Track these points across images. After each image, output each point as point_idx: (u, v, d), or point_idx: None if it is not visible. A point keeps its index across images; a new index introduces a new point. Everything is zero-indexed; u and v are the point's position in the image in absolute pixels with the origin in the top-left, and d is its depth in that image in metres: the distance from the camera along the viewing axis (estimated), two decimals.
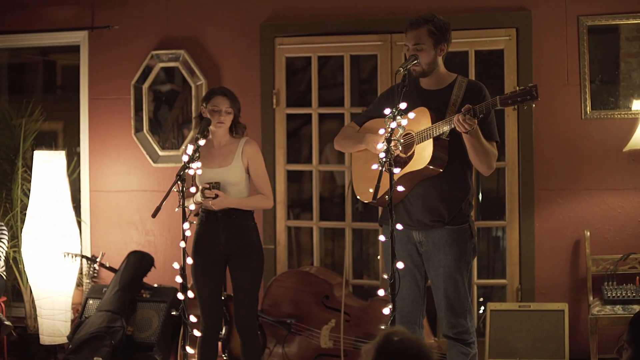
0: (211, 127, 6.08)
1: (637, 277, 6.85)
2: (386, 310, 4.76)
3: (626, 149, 6.77)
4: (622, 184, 7.08)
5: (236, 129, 6.23)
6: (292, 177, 7.95)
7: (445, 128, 5.01)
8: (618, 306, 6.66)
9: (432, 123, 5.09)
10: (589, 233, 7.03)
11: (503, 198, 7.39)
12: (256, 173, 6.20)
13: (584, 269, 7.07)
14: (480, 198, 8.22)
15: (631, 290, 6.71)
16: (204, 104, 6.15)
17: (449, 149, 5.14)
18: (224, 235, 6.07)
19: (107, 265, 7.68)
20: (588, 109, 7.11)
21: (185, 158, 5.55)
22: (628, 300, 6.66)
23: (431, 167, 5.10)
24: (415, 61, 5.16)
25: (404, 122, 4.82)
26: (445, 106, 5.19)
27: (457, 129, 4.92)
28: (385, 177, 4.73)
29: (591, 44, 7.12)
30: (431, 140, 5.08)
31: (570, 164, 7.18)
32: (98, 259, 7.75)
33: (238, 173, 6.12)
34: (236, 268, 6.14)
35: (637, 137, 6.69)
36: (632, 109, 7.05)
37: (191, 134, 6.20)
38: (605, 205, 7.11)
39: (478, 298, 7.51)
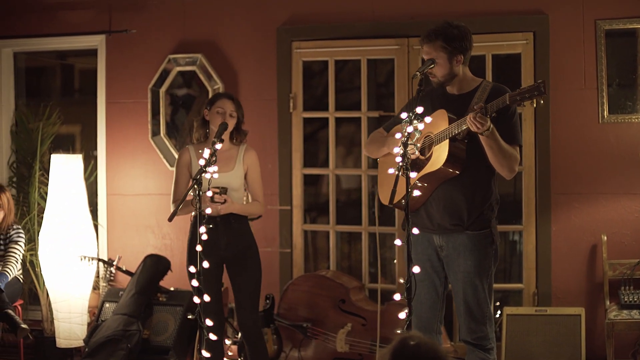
0: (210, 132, 6.12)
1: None
2: (402, 315, 4.75)
3: None
4: (639, 188, 7.05)
5: (238, 135, 6.26)
6: (308, 180, 7.95)
7: (461, 128, 5.00)
8: (635, 311, 6.64)
9: (449, 124, 5.09)
10: (605, 237, 7.01)
11: (520, 202, 7.38)
12: (254, 180, 6.30)
13: (601, 274, 7.04)
14: None
15: None
16: (208, 108, 6.20)
17: (472, 153, 5.13)
18: (224, 240, 6.11)
19: (124, 269, 7.70)
20: (605, 113, 7.09)
21: (201, 162, 5.55)
22: None
23: (447, 168, 5.09)
24: (432, 65, 5.16)
25: (420, 126, 4.81)
26: (466, 109, 5.18)
27: (471, 128, 4.91)
28: (402, 181, 4.72)
29: (608, 48, 7.10)
30: (447, 141, 5.07)
31: (587, 168, 7.16)
32: (115, 263, 7.77)
33: (239, 179, 6.19)
34: (237, 272, 6.18)
35: None
36: None
37: (196, 136, 6.20)
38: (622, 210, 7.09)
39: (494, 302, 7.49)
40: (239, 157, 6.20)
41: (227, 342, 7.05)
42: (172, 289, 7.50)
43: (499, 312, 7.45)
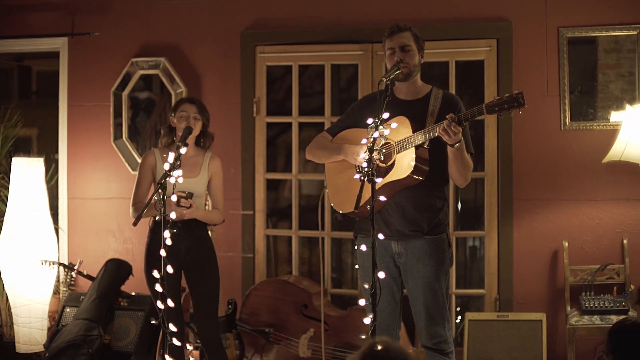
0: (176, 137, 6.10)
1: (615, 288, 6.88)
2: (367, 320, 4.75)
3: (605, 160, 6.79)
4: (600, 195, 7.12)
5: (204, 140, 6.25)
6: (269, 185, 7.93)
7: (427, 137, 5.00)
8: (595, 316, 6.69)
9: (412, 132, 5.07)
10: (567, 243, 7.05)
11: (482, 208, 7.42)
12: (216, 188, 6.29)
13: (562, 279, 7.09)
14: (459, 208, 8.22)
15: (608, 301, 6.73)
16: (173, 114, 6.18)
17: (430, 158, 5.13)
18: (184, 245, 6.07)
19: (85, 273, 7.64)
20: (567, 120, 7.14)
21: (166, 166, 5.52)
22: (605, 311, 6.68)
23: (413, 176, 5.08)
24: (399, 71, 5.17)
25: (386, 131, 4.82)
26: (424, 116, 5.20)
27: (443, 138, 4.91)
28: (366, 187, 4.70)
29: (570, 55, 7.16)
30: (412, 149, 5.06)
31: (549, 175, 7.20)
32: (75, 267, 7.71)
33: (203, 185, 6.18)
34: (196, 279, 6.16)
35: (616, 149, 6.70)
36: (610, 120, 7.09)
37: (162, 142, 6.16)
38: (583, 216, 7.14)
39: (455, 308, 7.51)
40: (205, 164, 6.19)
41: (189, 347, 7.02)
42: (133, 293, 7.46)
43: (459, 317, 7.49)
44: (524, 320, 6.90)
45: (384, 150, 5.03)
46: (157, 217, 5.86)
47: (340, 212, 5.43)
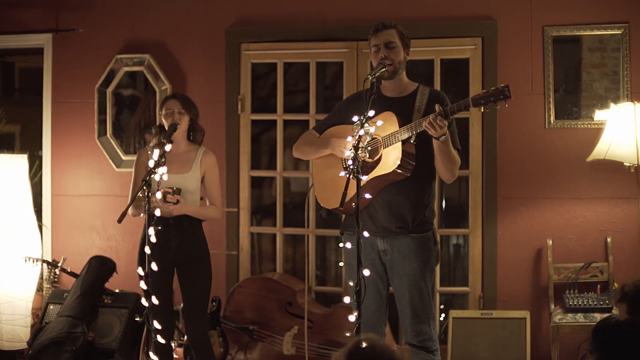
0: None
1: (599, 286, 6.90)
2: (352, 318, 4.75)
3: (589, 159, 6.81)
4: (584, 193, 7.14)
5: (194, 134, 6.22)
6: (252, 183, 7.92)
7: (413, 132, 5.02)
8: (579, 314, 6.70)
9: (399, 127, 5.08)
10: (551, 241, 7.07)
11: (466, 206, 7.43)
12: (211, 184, 6.25)
13: (546, 277, 7.10)
14: (443, 206, 8.24)
15: (592, 299, 6.75)
16: (161, 112, 6.17)
17: (416, 155, 5.14)
18: (175, 242, 6.05)
19: (69, 270, 7.62)
20: (552, 118, 7.15)
21: (151, 163, 5.51)
22: (589, 309, 6.70)
23: (399, 171, 5.09)
24: (384, 69, 5.18)
25: (372, 129, 4.83)
26: (411, 112, 5.21)
27: (429, 132, 4.91)
28: (352, 183, 4.71)
29: (555, 54, 7.17)
30: (399, 144, 5.07)
31: (533, 173, 7.22)
32: (59, 264, 7.68)
33: (195, 181, 6.14)
34: (186, 276, 6.13)
35: (600, 147, 6.73)
36: (595, 119, 7.11)
37: (154, 141, 6.14)
38: (567, 214, 7.16)
39: (440, 305, 7.52)
40: (197, 159, 6.16)
41: (173, 344, 7.01)
42: (117, 290, 7.45)
43: (443, 315, 7.50)
44: (508, 318, 6.91)
45: (369, 148, 5.04)
46: (156, 212, 5.83)
47: (327, 208, 5.42)
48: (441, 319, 7.52)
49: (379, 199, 5.24)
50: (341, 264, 7.66)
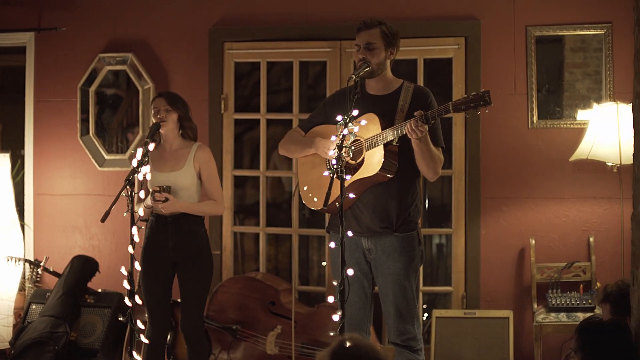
0: (162, 131, 6.06)
1: (581, 285, 6.92)
2: (336, 317, 4.76)
3: (572, 158, 6.84)
4: (567, 193, 7.16)
5: (184, 131, 6.19)
6: (235, 182, 7.90)
7: (395, 134, 5.03)
8: (562, 314, 6.73)
9: (382, 129, 5.10)
10: (534, 241, 7.09)
11: (449, 205, 7.44)
12: (208, 178, 6.17)
13: (529, 277, 7.12)
14: (427, 205, 8.25)
15: (575, 298, 6.77)
16: (152, 112, 6.14)
17: (399, 155, 5.16)
18: (173, 241, 6.02)
19: (51, 270, 7.60)
20: (535, 118, 7.17)
21: (134, 162, 5.50)
22: (572, 308, 6.72)
23: (382, 173, 5.10)
24: (368, 68, 5.18)
25: (355, 129, 4.83)
26: (393, 112, 5.22)
27: (409, 135, 4.93)
28: (336, 183, 4.72)
29: (538, 54, 7.19)
30: (381, 146, 5.09)
31: (516, 173, 7.23)
32: (41, 263, 7.66)
33: (189, 178, 6.08)
34: (184, 274, 6.09)
35: (583, 147, 6.75)
36: (577, 119, 7.13)
37: (138, 138, 6.13)
38: (550, 214, 7.18)
39: (423, 305, 7.53)
40: (190, 155, 6.11)
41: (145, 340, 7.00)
42: (100, 290, 7.43)
43: (426, 314, 7.51)
44: (491, 317, 6.93)
45: (352, 148, 5.04)
46: (139, 211, 5.82)
47: (312, 208, 5.43)
48: (424, 318, 7.53)
49: (363, 200, 5.26)
50: (324, 263, 7.68)
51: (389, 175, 5.15)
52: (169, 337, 6.69)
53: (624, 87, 6.95)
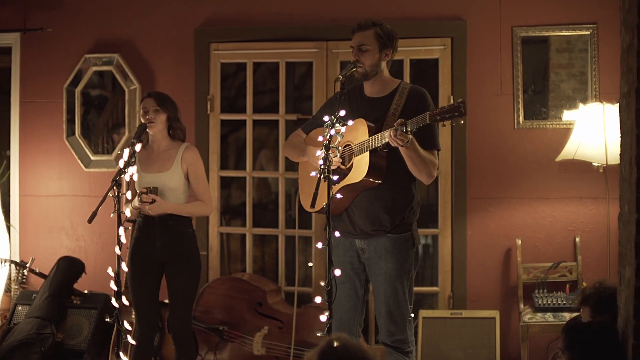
0: (150, 132, 6.04)
1: (568, 285, 6.94)
2: (323, 317, 4.76)
3: (558, 159, 6.85)
4: (553, 193, 7.17)
5: (173, 131, 6.17)
6: (222, 183, 7.90)
7: (381, 141, 5.05)
8: (549, 314, 6.74)
9: (370, 134, 5.12)
10: (520, 241, 7.10)
11: (436, 206, 7.44)
12: (196, 179, 6.16)
13: (515, 277, 7.13)
14: None
15: (561, 298, 6.79)
16: (140, 113, 6.12)
17: (391, 159, 5.17)
18: (160, 242, 6.02)
19: (37, 271, 7.58)
20: (521, 118, 7.18)
21: (121, 163, 5.49)
22: (558, 308, 6.74)
23: (369, 179, 5.13)
24: (354, 68, 5.20)
25: (342, 129, 4.84)
26: (385, 115, 5.23)
27: (391, 143, 4.94)
28: (324, 185, 4.73)
29: (524, 55, 7.21)
30: (367, 153, 5.12)
31: (502, 173, 7.25)
32: (27, 265, 7.64)
33: (177, 179, 6.07)
34: (172, 275, 6.09)
35: (569, 148, 6.77)
36: (563, 119, 7.15)
37: (124, 139, 6.11)
38: (536, 214, 7.19)
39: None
40: (178, 156, 6.10)
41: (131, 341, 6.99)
42: (86, 291, 7.42)
43: (412, 315, 7.51)
44: (478, 317, 6.94)
45: (340, 148, 5.04)
46: (126, 212, 5.82)
47: (308, 210, 5.47)
48: (410, 318, 7.53)
49: (357, 204, 5.29)
50: (310, 264, 7.68)
51: (377, 181, 5.17)
52: (155, 338, 6.68)
53: (610, 87, 6.97)
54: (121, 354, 5.57)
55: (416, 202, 5.37)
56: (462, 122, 4.88)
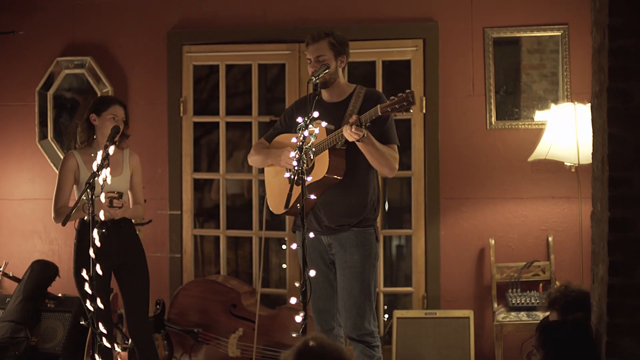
0: (99, 137, 5.99)
1: (541, 284, 6.98)
2: (298, 318, 4.77)
3: (530, 159, 6.89)
4: (525, 193, 7.21)
5: (123, 139, 6.14)
6: (195, 185, 7.89)
7: (339, 139, 5.23)
8: (522, 313, 6.78)
9: (327, 135, 5.30)
10: (493, 241, 7.14)
11: (409, 207, 7.47)
12: (137, 183, 6.23)
13: (489, 277, 7.17)
14: (386, 207, 8.28)
15: (535, 297, 6.83)
16: (97, 113, 6.02)
17: (350, 157, 5.35)
18: (116, 245, 5.99)
19: (10, 275, 7.54)
20: (493, 119, 7.22)
21: (94, 166, 5.47)
22: (532, 307, 6.78)
23: (329, 175, 5.30)
24: (327, 70, 5.31)
25: (316, 130, 4.91)
26: (342, 117, 5.38)
27: (349, 139, 5.12)
28: (291, 186, 4.85)
29: (496, 56, 7.24)
30: (327, 151, 5.30)
31: (475, 174, 7.28)
32: (1, 269, 7.60)
33: (127, 183, 6.12)
34: (127, 278, 6.08)
35: (541, 148, 6.80)
36: (535, 119, 7.19)
37: (82, 137, 6.03)
38: (509, 214, 7.23)
39: (383, 306, 7.55)
40: (125, 161, 6.11)
41: (117, 348, 6.96)
42: (60, 295, 7.38)
43: (386, 315, 7.54)
44: (452, 317, 6.98)
45: (313, 149, 5.10)
46: (85, 218, 5.79)
47: (277, 213, 5.59)
48: (385, 319, 7.55)
49: (321, 200, 5.42)
50: (284, 265, 7.70)
51: (338, 177, 5.34)
52: (129, 341, 6.66)
53: (581, 87, 7.02)
54: (96, 356, 5.55)
55: (376, 198, 5.54)
56: (411, 110, 5.03)
